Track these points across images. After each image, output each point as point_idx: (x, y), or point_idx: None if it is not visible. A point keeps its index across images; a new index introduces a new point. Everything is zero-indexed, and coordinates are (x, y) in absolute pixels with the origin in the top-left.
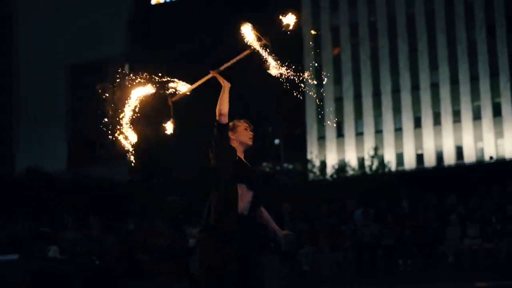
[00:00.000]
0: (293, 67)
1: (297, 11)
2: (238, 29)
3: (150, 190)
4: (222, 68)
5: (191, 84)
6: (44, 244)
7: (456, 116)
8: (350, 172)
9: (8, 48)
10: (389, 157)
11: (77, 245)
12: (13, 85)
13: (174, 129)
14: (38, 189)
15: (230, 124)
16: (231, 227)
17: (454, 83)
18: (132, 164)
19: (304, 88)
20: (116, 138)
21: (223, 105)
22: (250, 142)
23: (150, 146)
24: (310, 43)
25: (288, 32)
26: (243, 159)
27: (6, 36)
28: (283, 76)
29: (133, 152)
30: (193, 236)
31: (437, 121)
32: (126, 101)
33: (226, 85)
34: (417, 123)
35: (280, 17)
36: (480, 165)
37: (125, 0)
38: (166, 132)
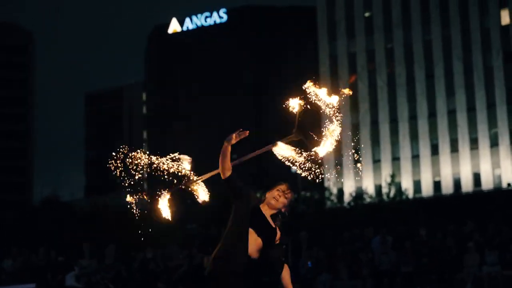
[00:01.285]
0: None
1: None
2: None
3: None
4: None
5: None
6: (61, 273)
7: (473, 143)
8: (368, 200)
9: (26, 76)
10: (407, 184)
11: (93, 273)
12: (30, 114)
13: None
14: (55, 218)
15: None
16: (240, 260)
17: (471, 110)
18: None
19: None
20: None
21: (225, 164)
22: (275, 205)
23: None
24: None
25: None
26: (267, 216)
27: (24, 65)
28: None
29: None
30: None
31: (454, 148)
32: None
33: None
34: (434, 150)
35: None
36: (498, 192)
37: (143, 29)
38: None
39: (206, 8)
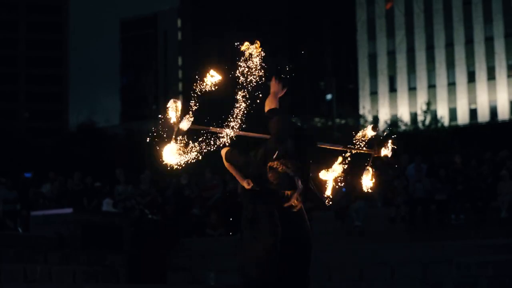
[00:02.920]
0: None
1: None
2: None
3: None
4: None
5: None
6: (97, 198)
7: (510, 70)
8: (403, 127)
9: (61, 3)
10: (442, 112)
11: (129, 199)
12: (66, 41)
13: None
14: (91, 144)
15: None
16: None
17: (509, 36)
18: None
19: None
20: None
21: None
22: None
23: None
24: None
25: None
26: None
27: None
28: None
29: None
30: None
31: (491, 75)
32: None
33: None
34: (471, 78)
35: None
36: None
37: None
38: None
39: None
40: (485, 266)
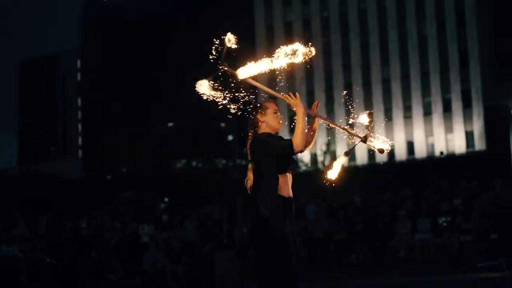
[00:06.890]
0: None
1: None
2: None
3: (102, 186)
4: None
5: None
6: None
7: (407, 111)
8: (303, 168)
9: None
10: (341, 153)
11: (26, 242)
12: None
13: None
14: None
15: (260, 104)
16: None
17: (405, 78)
18: None
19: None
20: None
21: (302, 139)
22: (279, 127)
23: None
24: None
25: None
26: None
27: None
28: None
29: None
30: (146, 233)
31: (388, 116)
32: None
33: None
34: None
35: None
36: (431, 160)
37: None
38: None
39: None
40: None
